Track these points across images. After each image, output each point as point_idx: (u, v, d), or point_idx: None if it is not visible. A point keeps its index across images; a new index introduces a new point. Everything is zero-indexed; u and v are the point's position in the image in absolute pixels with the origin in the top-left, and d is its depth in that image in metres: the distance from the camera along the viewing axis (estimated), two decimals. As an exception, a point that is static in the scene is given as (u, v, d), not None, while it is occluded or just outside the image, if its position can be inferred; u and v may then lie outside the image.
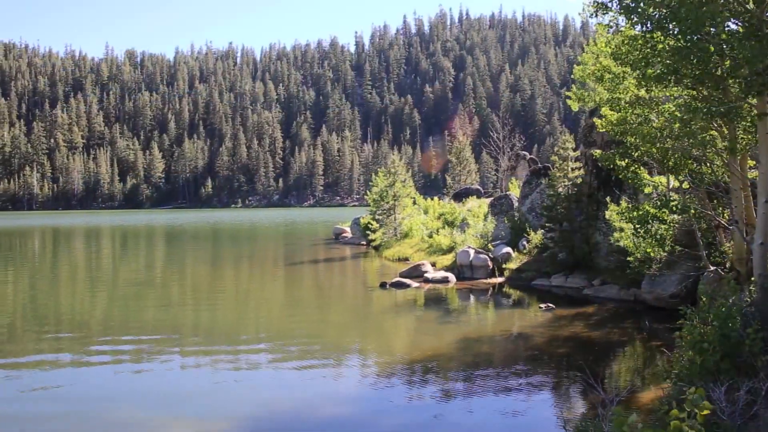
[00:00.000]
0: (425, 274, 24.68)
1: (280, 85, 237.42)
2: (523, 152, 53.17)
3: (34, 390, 11.57)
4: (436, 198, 45.14)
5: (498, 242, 26.50)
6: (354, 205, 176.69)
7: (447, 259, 27.13)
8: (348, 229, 48.35)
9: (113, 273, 31.63)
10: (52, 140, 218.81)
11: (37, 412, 10.39)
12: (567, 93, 28.58)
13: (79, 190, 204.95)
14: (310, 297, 23.06)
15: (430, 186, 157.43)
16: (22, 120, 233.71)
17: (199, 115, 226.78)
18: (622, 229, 18.51)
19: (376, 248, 37.45)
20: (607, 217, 19.80)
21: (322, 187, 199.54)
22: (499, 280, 24.01)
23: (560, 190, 23.23)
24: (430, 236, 32.51)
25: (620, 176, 16.15)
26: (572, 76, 27.81)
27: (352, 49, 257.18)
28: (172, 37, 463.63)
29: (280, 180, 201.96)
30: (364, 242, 41.33)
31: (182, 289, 25.06)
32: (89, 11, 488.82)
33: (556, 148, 25.40)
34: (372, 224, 38.55)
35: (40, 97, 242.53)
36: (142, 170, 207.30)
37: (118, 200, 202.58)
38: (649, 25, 10.73)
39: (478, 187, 55.15)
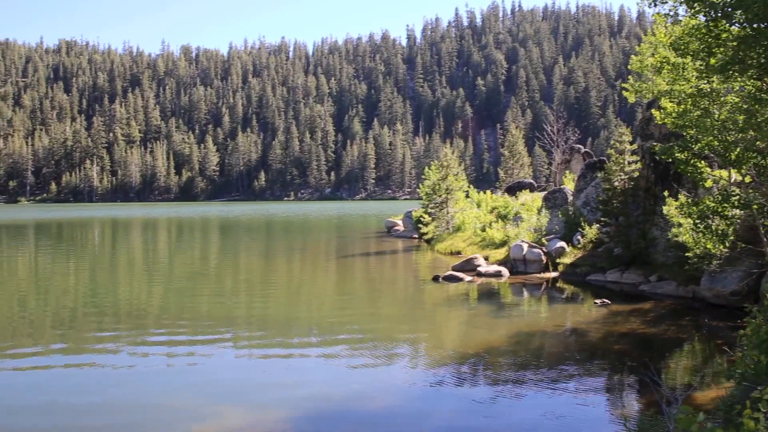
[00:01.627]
0: (478, 268, 24.52)
1: (332, 78, 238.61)
2: (578, 145, 52.32)
3: (93, 378, 11.87)
4: (488, 191, 44.77)
5: (552, 236, 26.16)
6: (405, 199, 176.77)
7: (500, 253, 26.90)
8: (400, 223, 48.34)
9: (169, 264, 32.28)
10: (111, 134, 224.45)
11: (95, 400, 10.65)
12: (623, 85, 28.05)
13: (137, 182, 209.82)
14: (362, 289, 23.13)
15: (482, 180, 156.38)
16: (82, 115, 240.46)
17: (252, 109, 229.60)
18: (680, 224, 18.05)
19: (429, 242, 37.36)
20: (665, 211, 19.33)
21: (373, 181, 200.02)
22: (553, 274, 23.70)
23: (616, 183, 22.79)
24: (483, 230, 32.27)
25: (679, 170, 15.74)
26: (628, 68, 27.26)
27: (404, 42, 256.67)
28: (226, 32, 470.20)
29: (332, 173, 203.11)
30: (416, 235, 41.27)
31: (236, 281, 25.42)
32: (146, 8, 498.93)
33: (611, 141, 24.91)
34: (424, 217, 38.45)
35: (100, 93, 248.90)
36: (197, 163, 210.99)
37: (173, 193, 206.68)
38: (712, 13, 10.41)
39: (531, 181, 54.49)
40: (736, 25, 10.42)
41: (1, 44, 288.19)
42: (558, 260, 24.30)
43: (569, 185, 34.32)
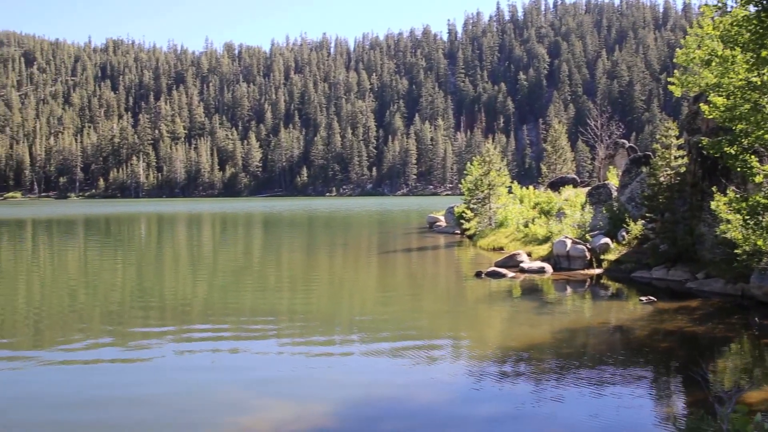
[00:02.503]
0: (521, 264, 24.36)
1: (374, 74, 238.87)
2: (622, 140, 51.52)
3: (140, 372, 12.13)
4: (530, 187, 44.39)
5: (596, 232, 25.84)
6: (447, 194, 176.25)
7: (543, 249, 26.68)
8: (442, 218, 48.24)
9: (213, 258, 32.74)
10: (157, 131, 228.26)
11: (143, 393, 10.87)
12: (669, 79, 27.50)
13: (182, 178, 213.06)
14: (404, 285, 23.17)
15: (524, 175, 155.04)
16: (129, 112, 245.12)
17: (294, 105, 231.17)
18: (729, 221, 17.67)
19: (471, 237, 37.22)
20: (712, 207, 18.93)
21: (415, 176, 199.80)
22: (597, 271, 23.42)
23: (662, 179, 22.39)
24: (526, 226, 32.03)
25: (728, 165, 15.41)
26: (674, 61, 26.74)
27: (445, 37, 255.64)
28: (268, 29, 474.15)
29: (374, 169, 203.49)
30: (458, 231, 41.14)
31: (278, 276, 25.67)
32: (190, 6, 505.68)
33: (657, 136, 24.47)
34: (466, 213, 38.30)
35: (146, 90, 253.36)
36: (240, 159, 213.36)
37: (217, 188, 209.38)
38: (764, 2, 10.16)
39: (574, 176, 53.89)
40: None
41: (51, 44, 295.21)
42: (602, 257, 24.00)
43: (613, 181, 33.84)
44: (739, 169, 15.32)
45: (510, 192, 40.34)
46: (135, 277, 25.36)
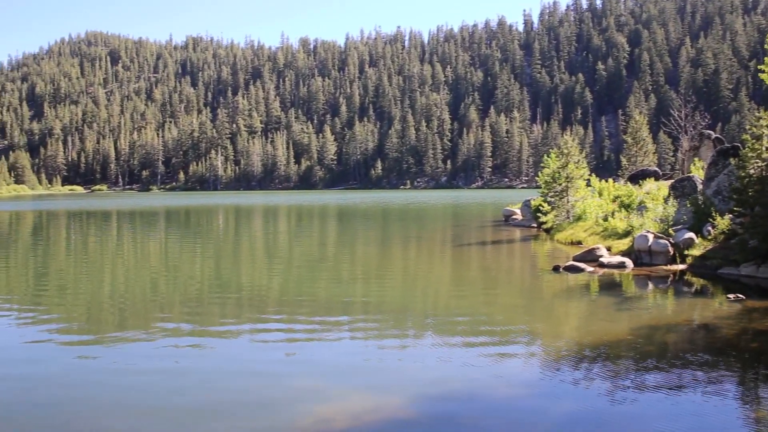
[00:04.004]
0: (600, 259, 23.70)
1: (448, 66, 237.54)
2: (708, 131, 49.56)
3: (218, 360, 12.31)
4: (610, 180, 43.22)
5: (679, 227, 24.91)
6: (522, 187, 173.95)
7: (623, 244, 25.90)
8: (518, 211, 47.55)
9: (288, 249, 33.17)
10: (234, 125, 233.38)
11: (220, 380, 11.03)
12: (759, 66, 26.25)
13: (258, 171, 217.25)
14: (478, 278, 22.88)
15: (602, 168, 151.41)
16: (208, 107, 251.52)
17: (369, 99, 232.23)
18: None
19: (548, 231, 36.55)
20: (807, 200, 17.95)
21: (490, 169, 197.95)
22: (681, 267, 22.55)
23: (752, 171, 21.35)
24: (605, 219, 31.20)
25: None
26: (765, 47, 25.50)
27: (521, 27, 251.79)
28: (343, 23, 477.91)
29: (448, 161, 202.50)
30: (535, 225, 40.47)
31: (353, 267, 25.76)
32: (267, 3, 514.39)
33: (747, 126, 23.37)
34: (543, 206, 37.59)
35: (224, 86, 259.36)
36: (315, 152, 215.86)
37: (293, 181, 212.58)
38: None
39: (656, 169, 52.18)
40: None
41: (135, 43, 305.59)
42: (686, 252, 23.09)
43: (698, 173, 32.56)
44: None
45: (588, 185, 39.36)
46: (213, 267, 25.91)
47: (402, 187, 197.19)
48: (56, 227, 50.93)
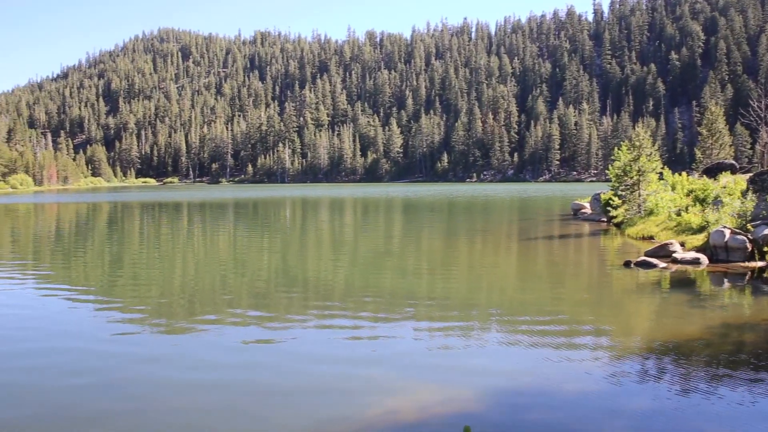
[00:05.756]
0: (673, 255, 22.98)
1: (515, 58, 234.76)
2: (789, 122, 47.50)
3: (285, 351, 12.42)
4: (683, 173, 41.90)
5: (759, 222, 23.91)
6: (591, 181, 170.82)
7: (698, 240, 25.05)
8: (587, 205, 46.63)
9: (354, 241, 33.33)
10: (302, 119, 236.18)
11: (286, 372, 11.12)
12: None
13: (325, 164, 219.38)
14: (546, 272, 22.49)
15: (675, 161, 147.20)
16: (275, 101, 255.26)
17: (435, 91, 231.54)
18: None
19: (618, 225, 35.71)
20: None
21: (558, 162, 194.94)
22: (760, 264, 21.65)
23: (838, 163, 20.33)
24: (678, 214, 30.26)
25: None
26: None
27: (590, 17, 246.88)
28: (409, 16, 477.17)
29: (515, 154, 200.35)
30: (605, 219, 39.59)
31: (418, 260, 25.68)
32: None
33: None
34: (613, 200, 36.72)
35: (291, 80, 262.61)
36: (381, 145, 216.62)
37: (359, 174, 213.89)
38: None
39: (733, 162, 50.37)
40: None
41: (205, 38, 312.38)
42: (765, 249, 22.18)
43: (779, 166, 31.22)
44: None
45: (661, 178, 38.25)
46: (279, 259, 26.23)
47: (468, 180, 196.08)
48: (130, 218, 52.54)
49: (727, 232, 22.98)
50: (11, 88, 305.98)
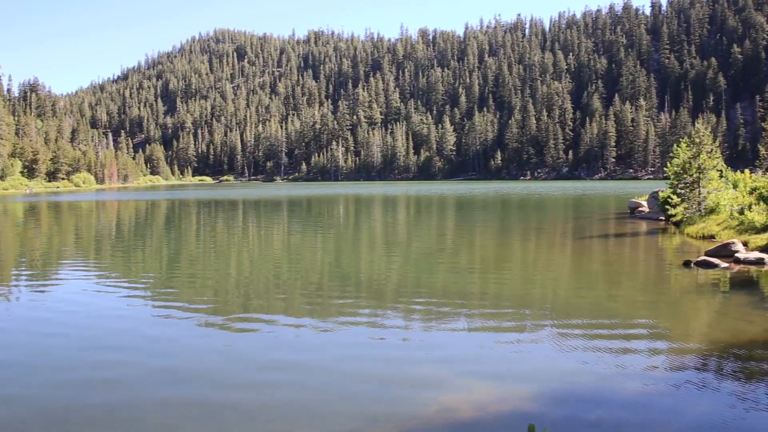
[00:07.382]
0: (735, 254, 22.33)
1: (570, 54, 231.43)
2: None
3: (337, 347, 12.49)
4: (746, 171, 40.69)
5: (825, 220, 23.10)
6: (648, 178, 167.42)
7: (761, 239, 24.29)
8: (644, 203, 45.69)
9: (407, 238, 33.35)
10: (355, 117, 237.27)
11: (339, 368, 11.18)
12: None
13: (378, 162, 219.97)
14: (601, 271, 22.10)
15: (737, 158, 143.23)
16: (329, 99, 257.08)
17: (488, 89, 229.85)
18: None
19: (677, 224, 34.89)
20: None
21: (613, 159, 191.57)
22: (826, 263, 20.92)
23: None
24: (741, 213, 29.40)
25: None
26: None
27: (648, 11, 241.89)
28: (462, 13, 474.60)
29: (570, 152, 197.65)
30: (663, 218, 38.73)
31: (470, 256, 25.55)
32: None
33: None
34: (672, 198, 35.87)
35: (344, 78, 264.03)
36: (434, 143, 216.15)
37: (412, 172, 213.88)
38: None
39: (798, 158, 48.66)
40: None
41: (259, 39, 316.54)
42: (833, 247, 21.40)
43: None
44: None
45: (722, 176, 37.21)
46: (333, 254, 26.42)
47: (522, 177, 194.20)
48: (187, 215, 53.61)
49: (793, 231, 22.25)
50: (75, 90, 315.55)
